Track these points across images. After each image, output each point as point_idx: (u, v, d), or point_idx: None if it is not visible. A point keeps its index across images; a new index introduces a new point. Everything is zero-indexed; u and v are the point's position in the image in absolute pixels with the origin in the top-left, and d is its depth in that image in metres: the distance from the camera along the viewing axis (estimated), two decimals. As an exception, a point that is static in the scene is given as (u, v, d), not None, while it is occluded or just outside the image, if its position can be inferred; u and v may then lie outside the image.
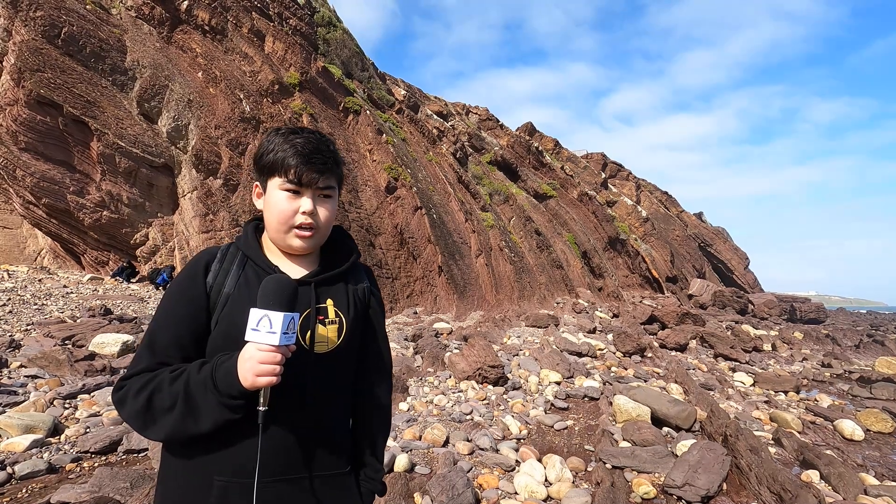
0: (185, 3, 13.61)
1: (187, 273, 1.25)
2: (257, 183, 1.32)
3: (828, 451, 5.62)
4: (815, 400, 8.68)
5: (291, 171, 1.21)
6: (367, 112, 16.81)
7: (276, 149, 1.23)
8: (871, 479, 4.87)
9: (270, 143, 1.25)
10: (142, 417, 1.11)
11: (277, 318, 1.05)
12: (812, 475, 4.81)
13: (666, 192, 41.70)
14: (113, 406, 1.15)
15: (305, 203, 1.23)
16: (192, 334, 1.20)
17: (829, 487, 4.64)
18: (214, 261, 1.26)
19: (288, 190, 1.23)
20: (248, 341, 1.07)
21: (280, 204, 1.23)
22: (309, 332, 1.23)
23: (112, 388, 1.20)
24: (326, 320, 1.27)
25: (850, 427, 6.65)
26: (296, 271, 1.29)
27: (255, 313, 1.06)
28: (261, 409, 1.08)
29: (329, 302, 1.29)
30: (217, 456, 1.16)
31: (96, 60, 11.95)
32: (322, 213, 1.26)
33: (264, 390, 1.08)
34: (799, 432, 6.46)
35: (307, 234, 1.25)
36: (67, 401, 4.86)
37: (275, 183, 1.24)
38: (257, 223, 1.37)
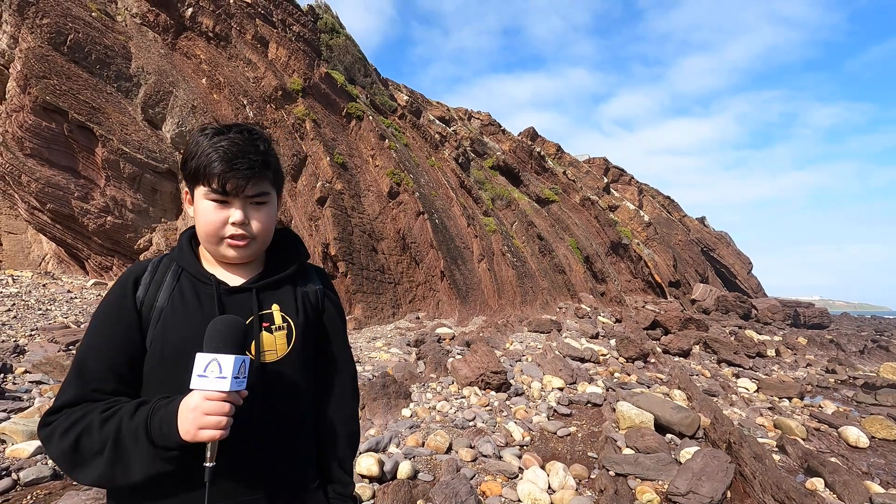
0: (190, 9, 13.73)
1: (115, 290, 1.15)
2: (186, 190, 1.20)
3: (832, 459, 5.58)
4: (820, 406, 8.63)
5: (215, 179, 1.10)
6: (370, 117, 16.89)
7: (200, 153, 1.12)
8: (876, 488, 4.83)
9: (194, 145, 1.14)
10: (69, 459, 0.99)
11: (227, 361, 0.95)
12: (817, 483, 4.78)
13: (668, 197, 41.68)
14: (42, 441, 1.05)
15: (235, 214, 1.13)
16: (126, 356, 1.09)
17: (834, 496, 4.61)
18: (144, 274, 1.17)
19: (214, 200, 1.12)
20: (192, 389, 0.95)
21: (207, 214, 1.13)
22: (254, 342, 1.14)
23: (39, 422, 1.05)
24: (273, 326, 1.18)
25: (854, 434, 6.61)
26: (233, 279, 1.21)
27: (201, 358, 0.96)
28: (208, 465, 0.96)
29: (275, 307, 1.21)
30: (164, 499, 1.06)
31: (101, 67, 12.06)
32: (255, 222, 1.16)
33: (212, 444, 0.96)
34: (803, 439, 6.42)
35: (241, 243, 1.15)
36: (71, 407, 4.87)
37: (201, 191, 1.14)
38: (193, 232, 1.26)
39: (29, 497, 3.31)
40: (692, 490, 4.12)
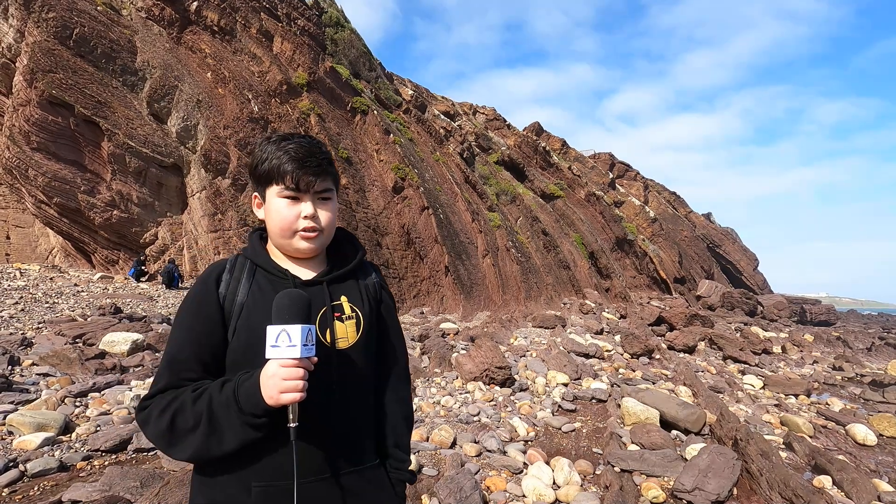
0: (195, 4, 13.70)
1: (199, 287, 1.25)
2: (256, 193, 1.33)
3: (840, 457, 5.54)
4: (827, 404, 8.57)
5: (288, 177, 1.23)
6: (375, 112, 16.84)
7: (271, 157, 1.24)
8: (884, 486, 4.79)
9: (264, 152, 1.26)
10: (166, 438, 1.11)
11: (295, 330, 1.05)
12: (824, 480, 4.74)
13: (674, 193, 41.44)
14: (139, 424, 1.18)
15: (306, 208, 1.25)
16: (210, 348, 1.20)
17: (842, 493, 4.57)
18: (224, 272, 1.27)
19: (287, 197, 1.25)
20: (268, 359, 1.06)
21: (281, 211, 1.25)
22: (328, 330, 1.24)
23: (136, 407, 1.19)
24: (343, 316, 1.29)
25: (862, 432, 6.56)
26: (305, 273, 1.31)
27: (272, 330, 1.06)
28: (291, 426, 1.07)
29: (343, 298, 1.31)
30: (252, 465, 1.16)
31: (107, 61, 12.07)
32: (323, 215, 1.28)
33: (292, 406, 1.07)
34: (810, 437, 6.38)
35: (312, 235, 1.26)
36: (78, 399, 4.90)
37: (273, 191, 1.26)
38: (261, 232, 1.38)
39: (36, 488, 3.33)
40: (698, 487, 4.09)
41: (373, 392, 1.40)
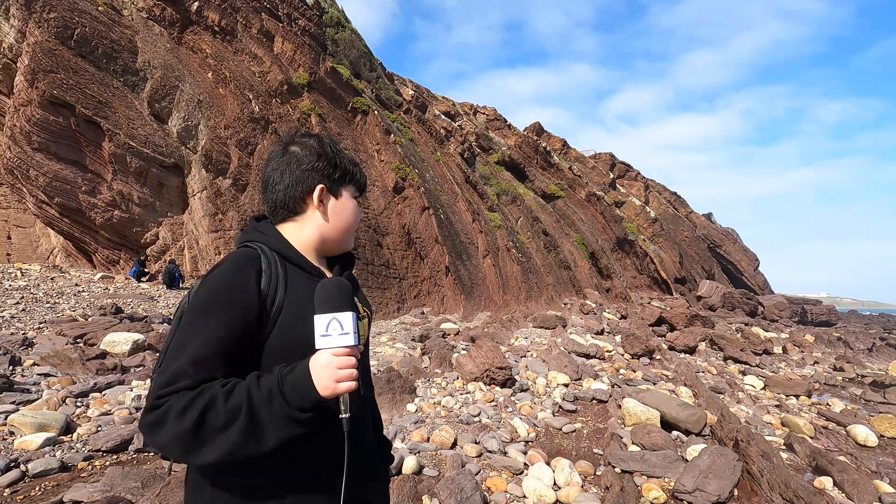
0: (196, 4, 13.71)
1: (235, 279, 1.13)
2: (323, 186, 1.28)
3: (841, 457, 5.53)
4: (828, 404, 8.56)
5: (360, 182, 1.36)
6: (375, 112, 16.85)
7: (342, 158, 1.32)
8: (885, 487, 4.78)
9: (331, 151, 1.31)
10: (187, 439, 0.97)
11: (347, 318, 1.04)
12: (825, 482, 4.74)
13: (675, 193, 41.42)
14: (144, 428, 1.02)
15: (359, 210, 1.37)
16: (239, 346, 1.10)
17: (843, 494, 4.57)
18: (263, 267, 1.17)
19: (357, 199, 1.36)
20: (319, 349, 1.03)
21: (355, 211, 1.35)
22: (359, 326, 1.27)
23: (143, 410, 1.02)
24: (360, 315, 1.32)
25: (863, 432, 6.55)
26: (327, 273, 1.34)
27: (321, 319, 1.04)
28: (344, 416, 1.04)
29: (355, 298, 1.35)
30: (289, 462, 1.12)
31: (108, 61, 12.08)
32: None
33: (344, 397, 1.03)
34: (811, 437, 6.37)
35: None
36: (79, 399, 4.91)
37: (349, 191, 1.34)
38: (264, 222, 1.32)
39: (37, 488, 3.33)
40: (699, 488, 4.09)
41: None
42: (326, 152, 1.30)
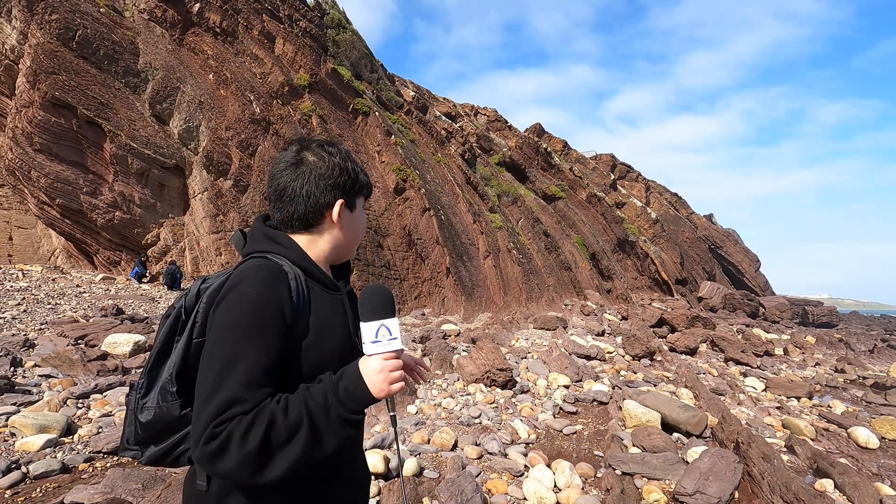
0: (197, 5, 13.74)
1: (269, 297, 1.11)
2: (343, 201, 1.27)
3: (842, 460, 5.53)
4: (829, 406, 8.55)
5: (370, 191, 1.37)
6: (376, 113, 16.86)
7: (360, 170, 1.32)
8: (886, 489, 4.77)
9: (349, 162, 1.30)
10: (254, 461, 0.97)
11: (394, 324, 1.11)
12: (826, 484, 4.73)
13: (676, 194, 41.40)
14: (205, 458, 0.99)
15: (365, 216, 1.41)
16: (278, 363, 1.09)
17: (844, 497, 4.56)
18: (291, 283, 1.16)
19: (366, 210, 1.40)
20: (371, 354, 1.09)
21: (364, 220, 1.39)
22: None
23: (202, 440, 0.99)
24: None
25: (864, 435, 6.54)
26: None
27: (370, 326, 1.10)
28: (392, 414, 1.18)
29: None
30: (330, 465, 1.22)
31: (110, 63, 12.10)
32: None
33: (390, 398, 1.15)
34: (812, 439, 6.36)
35: None
36: (80, 400, 4.91)
37: (361, 202, 1.35)
38: (275, 229, 1.29)
39: (38, 490, 3.34)
40: (699, 490, 4.09)
41: None
42: (348, 168, 1.28)
